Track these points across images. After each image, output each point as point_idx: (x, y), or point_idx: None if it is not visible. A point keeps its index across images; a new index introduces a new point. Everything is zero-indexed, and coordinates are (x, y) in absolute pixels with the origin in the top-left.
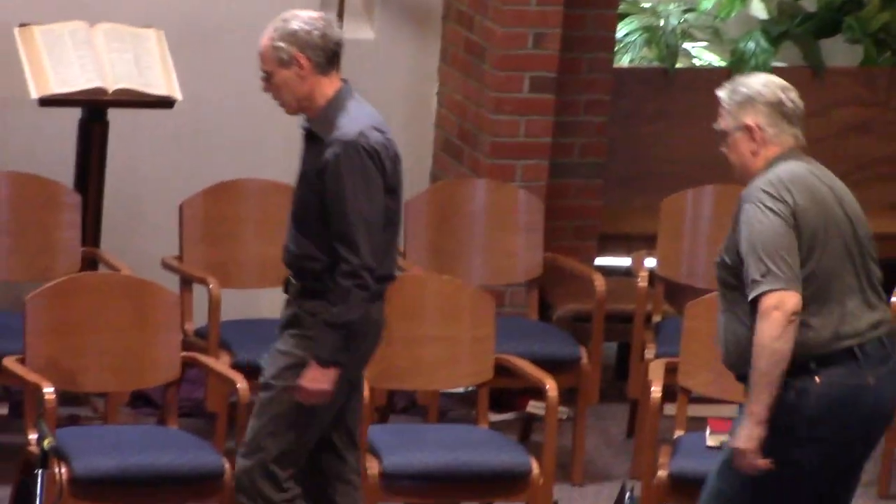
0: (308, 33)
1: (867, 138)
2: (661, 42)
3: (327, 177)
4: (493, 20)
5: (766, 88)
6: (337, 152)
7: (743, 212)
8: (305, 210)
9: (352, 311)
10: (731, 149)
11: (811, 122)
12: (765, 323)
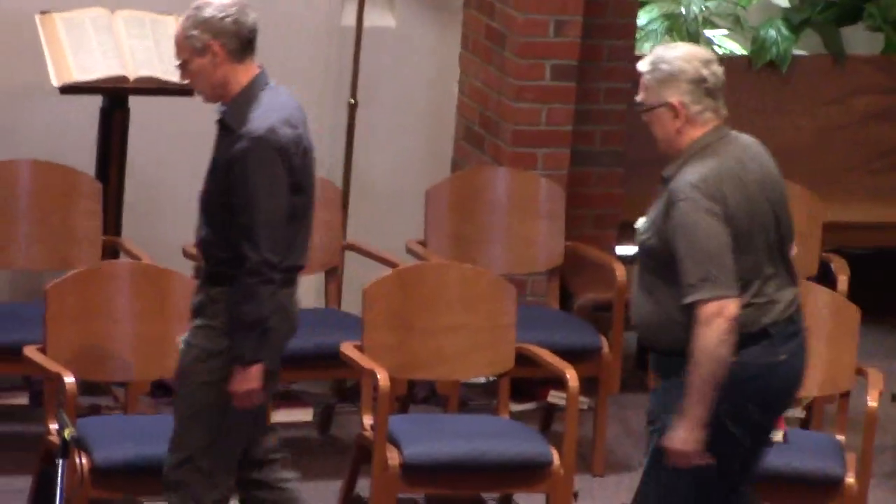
0: (221, 20)
1: (888, 126)
2: (683, 30)
3: (233, 170)
4: (514, 7)
5: (689, 65)
6: (245, 147)
7: (678, 210)
8: (212, 199)
9: (262, 307)
10: (655, 124)
11: (832, 109)
12: (707, 329)
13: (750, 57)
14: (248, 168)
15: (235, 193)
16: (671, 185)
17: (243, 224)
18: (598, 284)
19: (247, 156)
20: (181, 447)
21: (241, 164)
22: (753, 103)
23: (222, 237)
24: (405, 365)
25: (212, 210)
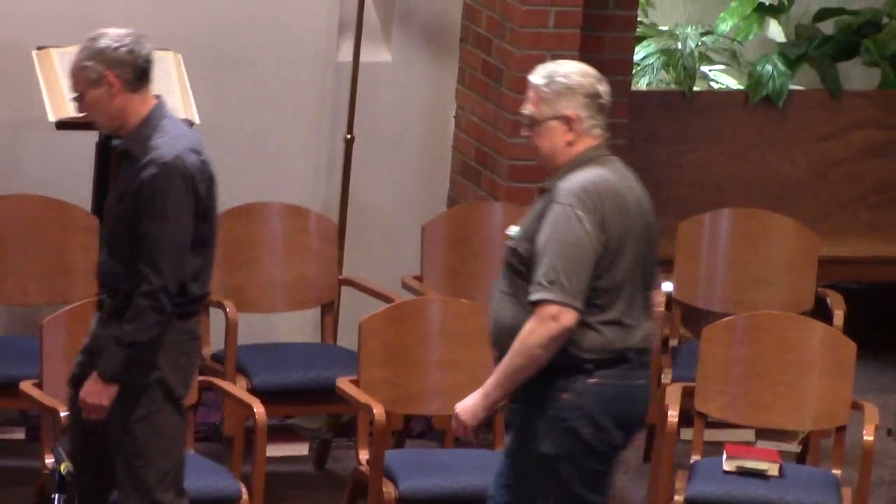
0: (115, 51)
1: (885, 161)
2: (679, 65)
3: (142, 197)
4: (511, 43)
5: (586, 80)
6: (154, 173)
7: (552, 211)
8: (121, 231)
9: (142, 331)
10: (543, 136)
11: (828, 144)
12: (538, 327)
13: (746, 92)
14: (155, 194)
15: (143, 220)
16: (553, 188)
17: (147, 249)
18: None
19: (155, 182)
20: (142, 488)
21: (149, 190)
22: (750, 138)
23: (131, 269)
24: (401, 400)
25: (119, 242)
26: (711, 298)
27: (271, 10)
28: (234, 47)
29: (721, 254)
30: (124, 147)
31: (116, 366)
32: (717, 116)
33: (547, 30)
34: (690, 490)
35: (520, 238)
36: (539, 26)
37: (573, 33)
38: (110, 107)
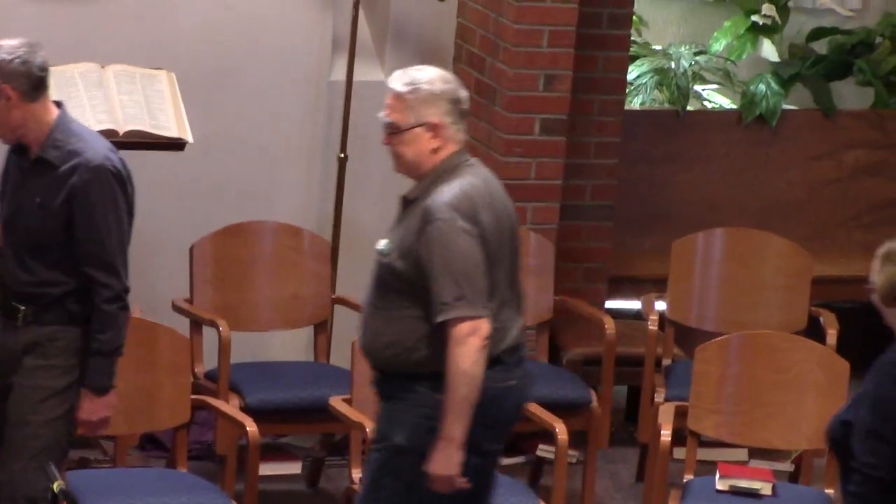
0: (9, 63)
1: (878, 180)
2: (672, 84)
3: (76, 203)
4: (504, 62)
5: (448, 86)
6: (86, 178)
7: (434, 229)
8: (44, 238)
9: (120, 335)
10: (408, 144)
11: (822, 163)
12: (462, 349)
13: (740, 111)
14: (91, 198)
15: (81, 226)
16: (426, 204)
17: (94, 253)
18: (587, 338)
19: (89, 186)
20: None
21: (83, 195)
22: (743, 157)
23: (61, 275)
24: None
25: (46, 249)
26: (704, 318)
27: (264, 28)
28: (227, 66)
29: (714, 273)
30: (39, 154)
31: (108, 376)
32: (711, 136)
33: (540, 49)
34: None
35: (393, 253)
36: (532, 46)
37: (566, 53)
38: (10, 118)
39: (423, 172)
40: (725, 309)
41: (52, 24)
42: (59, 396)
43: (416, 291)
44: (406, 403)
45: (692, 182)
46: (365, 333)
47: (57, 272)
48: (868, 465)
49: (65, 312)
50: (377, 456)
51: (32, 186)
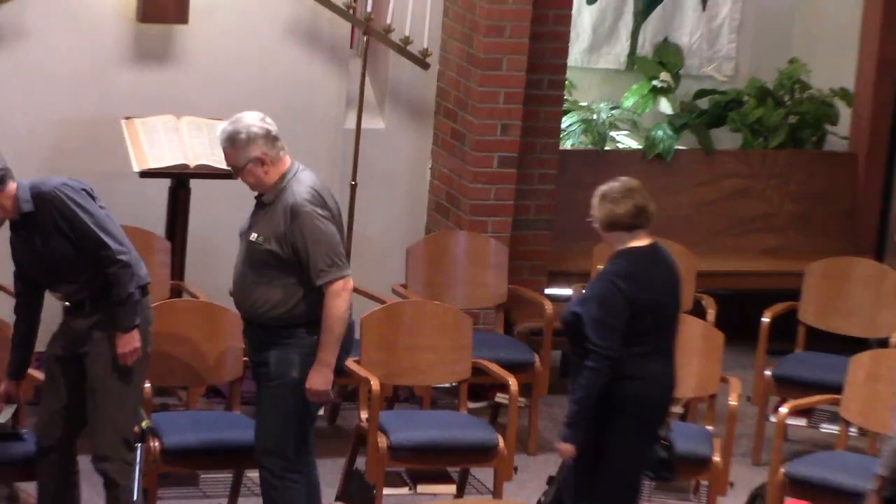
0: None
1: (746, 201)
2: (594, 131)
3: (65, 224)
4: (471, 114)
5: (256, 126)
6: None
7: (302, 219)
8: (72, 259)
9: (127, 287)
10: (247, 175)
11: (704, 189)
12: (337, 300)
13: (644, 150)
14: (67, 214)
15: (78, 234)
16: (290, 203)
17: (92, 245)
18: (532, 316)
19: (61, 208)
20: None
21: (64, 216)
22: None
23: (90, 280)
24: (391, 374)
25: (77, 269)
26: None
27: (297, 89)
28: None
29: None
30: (24, 213)
31: (129, 318)
32: (622, 168)
33: (498, 105)
34: None
35: (268, 240)
36: (492, 103)
37: (517, 108)
38: None
39: (268, 188)
40: (255, 249)
41: (141, 86)
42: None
43: (289, 265)
44: (292, 347)
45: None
46: (246, 302)
47: (88, 280)
48: (602, 347)
49: (108, 300)
50: (282, 396)
51: (32, 241)
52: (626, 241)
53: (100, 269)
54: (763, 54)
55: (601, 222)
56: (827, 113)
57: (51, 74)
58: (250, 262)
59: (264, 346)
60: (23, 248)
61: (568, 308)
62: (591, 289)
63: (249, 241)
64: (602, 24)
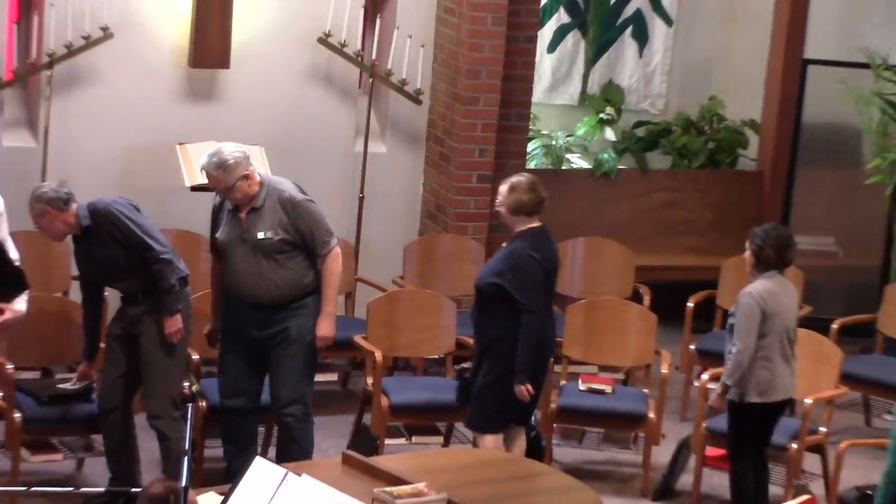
0: None
1: (674, 210)
2: (553, 154)
3: (118, 233)
4: (455, 141)
5: (237, 152)
6: (106, 222)
7: (301, 207)
8: (126, 260)
9: (170, 277)
10: (237, 191)
11: (641, 200)
12: (336, 262)
13: (592, 170)
14: (119, 225)
15: (129, 240)
16: (285, 198)
17: (140, 248)
18: None
19: (116, 217)
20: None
21: (119, 223)
22: (594, 198)
23: (140, 277)
24: (392, 348)
25: (129, 268)
26: (573, 288)
27: (315, 120)
28: (294, 141)
29: (578, 262)
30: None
31: (172, 304)
32: (576, 184)
33: (476, 134)
34: (560, 401)
35: (276, 233)
36: (471, 132)
37: (492, 135)
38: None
39: (252, 196)
40: (585, 283)
41: (191, 118)
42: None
43: (297, 247)
44: (307, 314)
45: (566, 211)
46: (266, 289)
47: (140, 275)
48: (533, 306)
49: (152, 292)
50: (303, 354)
51: (92, 250)
52: (526, 224)
53: (147, 267)
54: (688, 93)
55: (508, 207)
56: (739, 139)
57: (119, 109)
58: (263, 255)
59: (281, 321)
60: (85, 256)
61: (484, 280)
62: (506, 262)
63: (257, 240)
64: (559, 68)
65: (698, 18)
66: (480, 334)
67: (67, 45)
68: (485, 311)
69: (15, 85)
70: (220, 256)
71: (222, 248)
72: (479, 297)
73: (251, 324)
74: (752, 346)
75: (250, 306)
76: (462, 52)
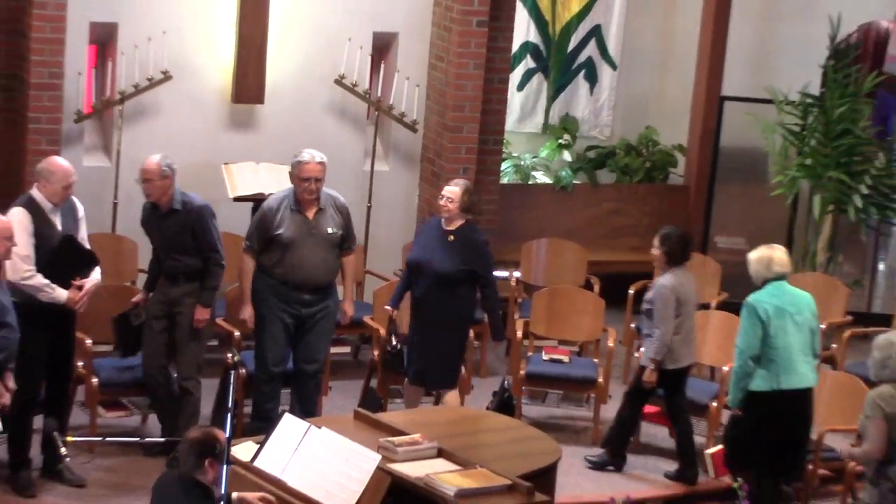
0: None
1: (618, 217)
2: (522, 171)
3: (199, 229)
4: (444, 161)
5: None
6: (198, 216)
7: (348, 212)
8: (190, 243)
9: (219, 280)
10: (322, 182)
11: (592, 210)
12: (354, 260)
13: (553, 184)
14: (206, 223)
15: (203, 239)
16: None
17: (208, 248)
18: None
19: (204, 218)
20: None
21: (204, 223)
22: (554, 207)
23: (190, 264)
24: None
25: (185, 254)
26: (538, 279)
27: (332, 144)
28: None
29: (542, 257)
30: (173, 206)
31: (213, 301)
32: (540, 196)
33: (461, 155)
34: (528, 369)
35: (337, 231)
36: (457, 154)
37: (473, 157)
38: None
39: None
40: (547, 275)
41: (234, 143)
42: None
43: (338, 243)
44: (334, 295)
45: (532, 218)
46: (326, 275)
47: (193, 258)
48: (494, 279)
49: (197, 276)
50: (331, 325)
51: (168, 226)
52: (466, 219)
53: (205, 263)
54: (629, 123)
55: (462, 205)
56: (670, 160)
57: (176, 136)
58: (328, 247)
59: (323, 299)
60: (157, 230)
61: (455, 267)
62: (475, 251)
63: (328, 234)
64: (527, 104)
65: (637, 64)
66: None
67: (135, 85)
68: (459, 286)
69: (93, 117)
70: (280, 253)
71: (287, 243)
72: (447, 280)
73: (301, 303)
74: (672, 329)
75: (307, 289)
76: (449, 91)
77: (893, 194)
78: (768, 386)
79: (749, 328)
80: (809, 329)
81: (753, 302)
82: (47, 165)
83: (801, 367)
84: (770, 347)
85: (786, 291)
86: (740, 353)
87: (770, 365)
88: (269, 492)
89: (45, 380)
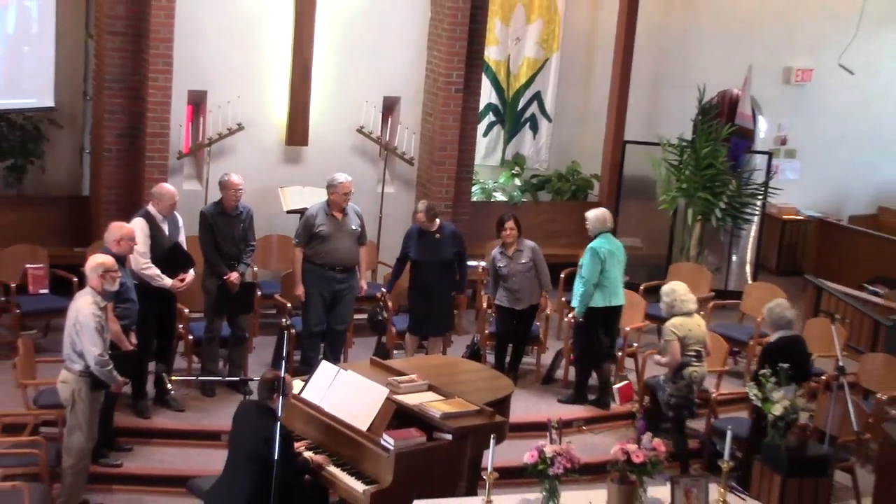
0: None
1: (553, 224)
2: (487, 192)
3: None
4: (433, 186)
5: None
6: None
7: (361, 215)
8: (236, 235)
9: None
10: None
11: (535, 219)
12: (366, 251)
13: (507, 202)
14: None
15: (249, 231)
16: (357, 210)
17: (252, 237)
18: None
19: (251, 218)
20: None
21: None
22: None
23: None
24: (398, 299)
25: (235, 242)
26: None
27: (357, 175)
28: None
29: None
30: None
31: (242, 268)
32: (498, 210)
33: (444, 182)
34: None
35: (359, 228)
36: (440, 181)
37: (452, 182)
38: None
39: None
40: None
41: (286, 173)
42: None
43: (358, 238)
44: (356, 276)
45: (493, 225)
46: (351, 259)
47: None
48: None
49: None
50: (353, 298)
51: (233, 223)
52: (437, 221)
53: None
54: (560, 158)
55: (428, 216)
56: (588, 185)
57: (246, 168)
58: (352, 239)
59: (349, 279)
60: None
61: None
62: (456, 237)
63: (353, 229)
64: (490, 145)
65: (565, 118)
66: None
67: (219, 133)
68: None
69: (190, 155)
70: (319, 244)
71: (326, 236)
72: (448, 263)
73: (337, 281)
74: (594, 283)
75: (340, 270)
76: (436, 137)
77: (743, 209)
78: (603, 303)
79: (592, 265)
80: (622, 267)
81: (595, 247)
82: (159, 189)
83: (620, 291)
84: (605, 277)
85: (612, 240)
86: (586, 282)
87: (603, 290)
88: (311, 415)
89: (156, 337)
